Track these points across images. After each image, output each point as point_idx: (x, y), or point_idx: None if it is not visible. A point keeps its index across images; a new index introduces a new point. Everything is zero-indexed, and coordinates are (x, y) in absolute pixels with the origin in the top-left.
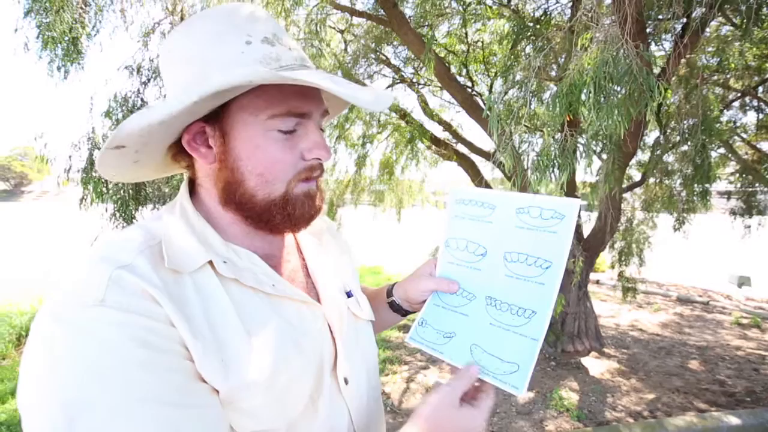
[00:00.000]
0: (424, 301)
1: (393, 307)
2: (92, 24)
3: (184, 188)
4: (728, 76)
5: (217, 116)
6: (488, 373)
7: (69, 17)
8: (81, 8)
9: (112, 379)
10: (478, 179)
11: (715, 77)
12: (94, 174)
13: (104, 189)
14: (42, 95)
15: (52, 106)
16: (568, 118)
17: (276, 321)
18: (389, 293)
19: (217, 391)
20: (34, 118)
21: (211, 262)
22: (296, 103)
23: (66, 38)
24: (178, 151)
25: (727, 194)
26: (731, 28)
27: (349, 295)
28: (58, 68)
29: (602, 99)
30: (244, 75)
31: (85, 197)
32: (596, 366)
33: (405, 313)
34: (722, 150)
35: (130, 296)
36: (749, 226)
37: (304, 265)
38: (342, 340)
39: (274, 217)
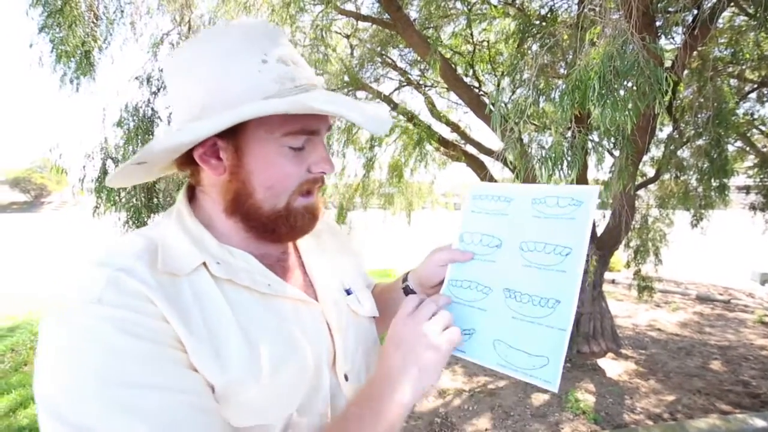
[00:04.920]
0: (438, 286)
1: (407, 292)
2: (103, 37)
3: (182, 194)
4: (743, 67)
5: (233, 132)
6: (517, 369)
7: (81, 32)
8: (92, 22)
9: (109, 371)
10: (488, 179)
11: (730, 69)
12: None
13: (117, 198)
14: (56, 108)
15: (66, 118)
16: (577, 114)
17: (272, 319)
18: (404, 279)
19: (212, 388)
20: (50, 130)
21: (205, 264)
22: (310, 121)
23: (78, 52)
24: (185, 160)
25: (746, 189)
26: (745, 18)
27: (348, 292)
28: (71, 81)
29: (608, 93)
30: (279, 105)
31: (98, 206)
32: (613, 367)
33: None
34: (740, 143)
35: (125, 296)
36: None
37: (301, 263)
38: (341, 337)
39: (280, 228)
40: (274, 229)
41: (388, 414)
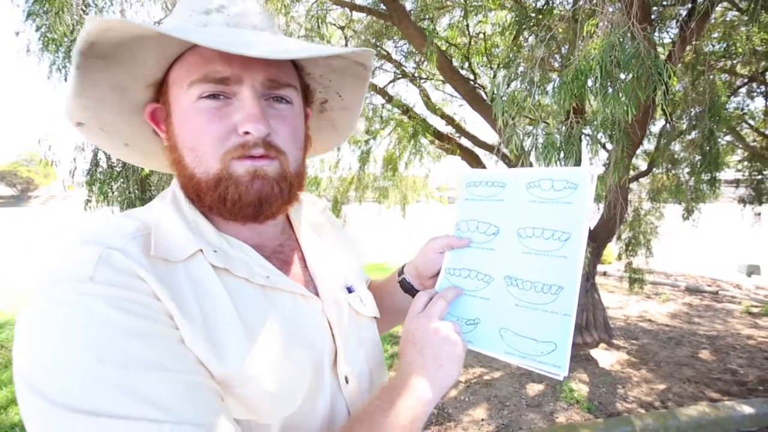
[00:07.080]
0: (435, 276)
1: (404, 286)
2: None
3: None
4: (735, 61)
5: (165, 95)
6: (525, 355)
7: (69, 19)
8: (81, 9)
9: (110, 351)
10: None
11: (722, 63)
12: (98, 175)
13: (109, 190)
14: (44, 98)
15: (55, 110)
16: (574, 106)
17: (273, 313)
18: (400, 272)
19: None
20: (37, 122)
21: (203, 252)
22: (217, 67)
23: (66, 40)
24: None
25: (736, 182)
26: (737, 12)
27: (350, 290)
28: (59, 70)
29: (609, 84)
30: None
31: (90, 199)
32: (606, 357)
33: (416, 293)
34: (729, 137)
35: (119, 274)
36: (759, 214)
37: (302, 257)
38: (342, 336)
39: (206, 198)
40: (205, 200)
41: (412, 410)
